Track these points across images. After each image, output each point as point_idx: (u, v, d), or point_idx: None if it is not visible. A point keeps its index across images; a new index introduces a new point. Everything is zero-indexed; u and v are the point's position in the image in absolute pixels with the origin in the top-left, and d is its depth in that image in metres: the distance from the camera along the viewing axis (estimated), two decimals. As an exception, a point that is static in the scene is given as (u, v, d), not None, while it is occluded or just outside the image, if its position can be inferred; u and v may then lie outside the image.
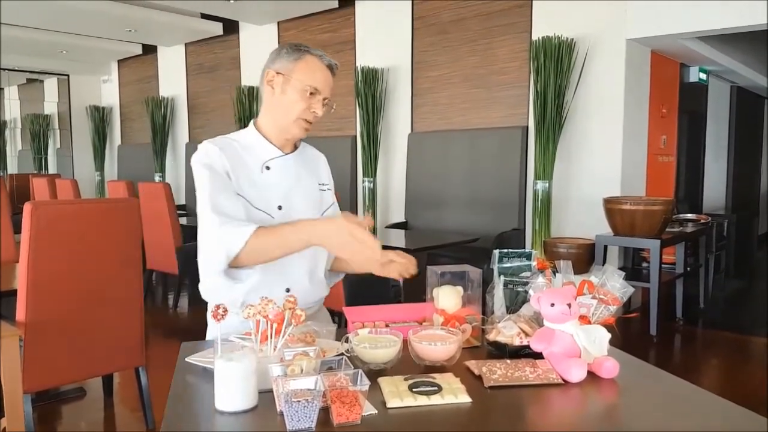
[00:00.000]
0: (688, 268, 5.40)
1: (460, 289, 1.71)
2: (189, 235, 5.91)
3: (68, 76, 10.44)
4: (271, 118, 1.85)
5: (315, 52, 1.81)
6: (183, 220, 6.27)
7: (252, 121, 1.91)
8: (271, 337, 1.41)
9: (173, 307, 5.98)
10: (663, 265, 4.82)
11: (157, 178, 8.98)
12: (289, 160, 1.87)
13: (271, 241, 1.65)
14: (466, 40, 5.95)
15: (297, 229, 1.64)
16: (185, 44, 8.76)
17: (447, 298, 1.68)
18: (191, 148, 8.65)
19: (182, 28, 7.91)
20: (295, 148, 1.92)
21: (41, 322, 2.69)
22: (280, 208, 1.81)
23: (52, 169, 10.88)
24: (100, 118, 10.34)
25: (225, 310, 1.36)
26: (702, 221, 5.64)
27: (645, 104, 5.62)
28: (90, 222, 2.82)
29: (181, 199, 8.58)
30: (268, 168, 1.83)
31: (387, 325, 1.68)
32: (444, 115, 6.17)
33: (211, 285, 1.77)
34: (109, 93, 10.57)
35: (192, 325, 5.50)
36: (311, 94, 1.78)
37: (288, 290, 1.80)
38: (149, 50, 9.33)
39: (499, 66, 5.74)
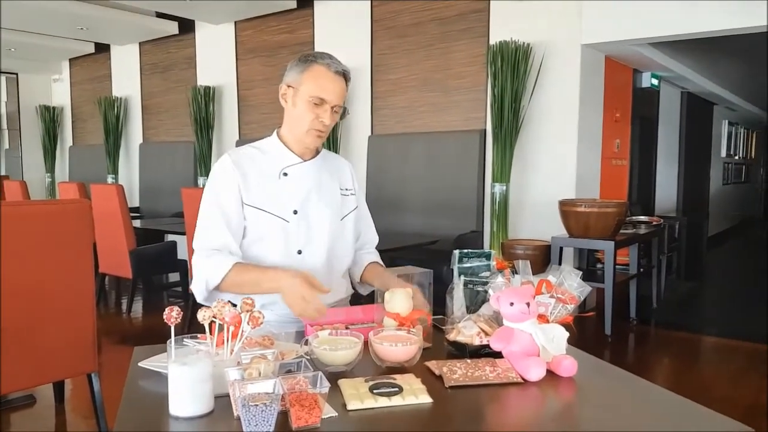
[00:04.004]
0: (642, 269, 5.51)
1: (410, 291, 1.70)
2: (142, 238, 5.80)
3: (17, 74, 10.13)
4: (289, 129, 1.95)
5: (323, 60, 1.86)
6: (137, 223, 6.14)
7: (275, 130, 2.00)
8: (227, 341, 1.39)
9: (127, 312, 5.85)
10: (617, 266, 4.91)
11: (110, 180, 8.77)
12: (308, 167, 1.96)
13: (246, 279, 1.79)
14: (423, 43, 5.97)
15: (268, 276, 1.76)
16: (139, 43, 8.58)
17: (400, 301, 1.66)
18: (145, 148, 8.52)
19: (136, 27, 7.75)
20: (317, 153, 2.00)
21: (-13, 327, 2.59)
22: (295, 212, 1.91)
23: (0, 170, 10.56)
24: (50, 118, 10.05)
25: (179, 313, 1.33)
26: (654, 223, 5.76)
27: (599, 109, 5.72)
28: (39, 224, 2.73)
29: (134, 201, 8.41)
30: (285, 174, 1.93)
31: (347, 327, 1.67)
32: (403, 119, 6.18)
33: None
34: (60, 92, 10.29)
35: (146, 330, 5.39)
36: (317, 104, 1.84)
37: None
38: (102, 49, 9.11)
39: (457, 70, 5.78)
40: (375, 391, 1.30)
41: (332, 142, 6.40)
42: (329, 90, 1.84)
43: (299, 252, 1.93)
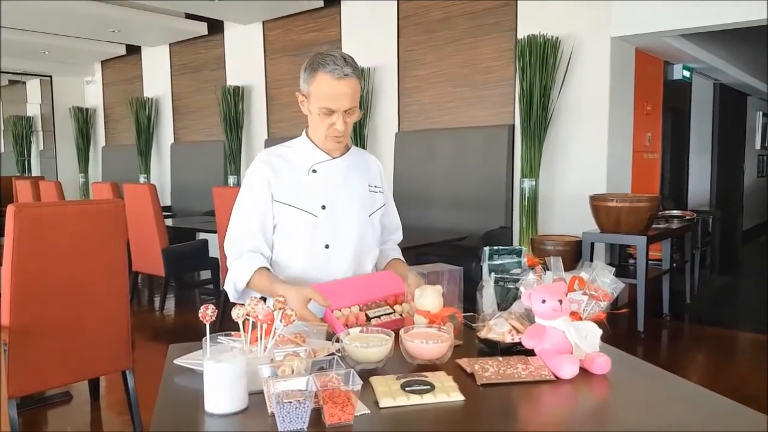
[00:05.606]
0: (674, 264, 5.43)
1: (439, 288, 1.69)
2: (174, 236, 5.87)
3: (51, 77, 10.32)
4: (313, 132, 1.98)
5: (326, 68, 1.82)
6: (168, 222, 6.23)
7: (304, 129, 2.02)
8: (261, 338, 1.40)
9: (160, 310, 5.93)
10: (649, 262, 4.84)
11: (142, 180, 8.90)
12: (337, 163, 1.99)
13: (263, 284, 1.86)
14: (451, 39, 5.94)
15: (276, 293, 1.74)
16: (169, 44, 8.69)
17: (430, 298, 1.66)
18: (176, 148, 8.63)
19: (166, 28, 7.84)
20: (347, 150, 2.02)
21: (25, 325, 2.65)
22: (323, 207, 1.94)
23: (35, 171, 10.76)
24: (83, 119, 10.23)
25: (214, 311, 1.34)
26: (687, 217, 5.67)
27: (630, 102, 5.64)
28: (74, 224, 2.78)
29: (166, 200, 8.51)
30: (314, 171, 1.96)
31: (367, 316, 1.67)
32: (430, 115, 6.17)
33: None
34: (92, 94, 10.47)
35: (178, 327, 5.46)
36: (327, 114, 1.85)
37: None
38: (133, 51, 9.24)
39: (485, 65, 5.74)
40: (407, 388, 1.30)
41: (359, 138, 6.42)
42: (335, 99, 1.83)
43: (326, 246, 1.95)
